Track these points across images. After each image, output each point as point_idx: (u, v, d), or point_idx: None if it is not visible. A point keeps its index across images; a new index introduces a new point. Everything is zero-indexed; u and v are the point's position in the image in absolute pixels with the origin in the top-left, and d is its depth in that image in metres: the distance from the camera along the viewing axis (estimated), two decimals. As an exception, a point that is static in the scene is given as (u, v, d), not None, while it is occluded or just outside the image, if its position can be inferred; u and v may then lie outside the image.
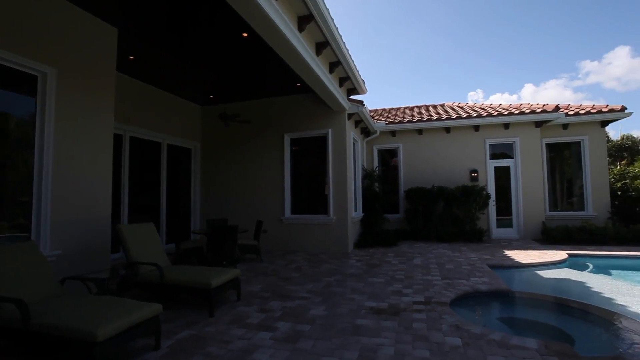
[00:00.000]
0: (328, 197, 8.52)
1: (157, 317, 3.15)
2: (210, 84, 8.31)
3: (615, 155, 26.07)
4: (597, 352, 3.23)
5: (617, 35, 59.95)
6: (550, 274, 6.53)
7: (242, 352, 3.09)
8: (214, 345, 3.25)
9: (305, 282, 5.59)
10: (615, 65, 64.43)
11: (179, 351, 3.13)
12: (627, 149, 28.64)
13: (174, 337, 3.41)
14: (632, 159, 24.71)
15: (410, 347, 3.15)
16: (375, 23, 78.49)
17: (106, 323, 2.62)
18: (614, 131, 32.91)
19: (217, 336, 3.46)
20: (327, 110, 8.57)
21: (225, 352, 3.11)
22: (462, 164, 10.79)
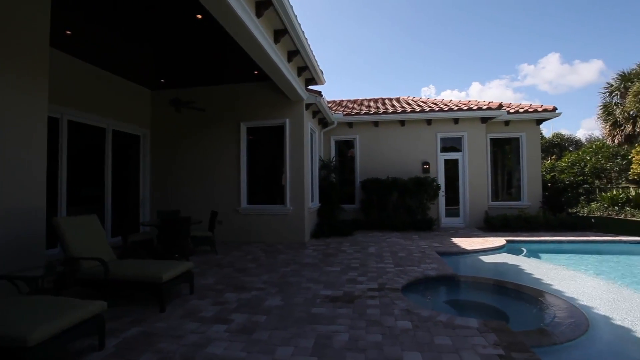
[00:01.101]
0: (285, 188, 8.48)
1: (100, 315, 2.96)
2: (161, 67, 7.83)
3: (547, 151, 28.75)
4: (527, 327, 3.58)
5: (549, 42, 65.64)
6: (490, 259, 7.09)
7: (196, 347, 3.01)
8: (165, 341, 3.13)
9: (261, 273, 5.55)
10: (548, 69, 70.78)
11: (126, 350, 2.97)
12: (556, 145, 31.72)
13: (121, 336, 3.23)
14: (561, 154, 27.45)
15: (364, 332, 3.26)
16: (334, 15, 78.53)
17: (38, 325, 2.39)
18: (546, 129, 36.21)
19: (169, 332, 3.33)
20: (285, 99, 8.47)
21: (177, 347, 3.01)
22: (415, 156, 11.26)
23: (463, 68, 78.21)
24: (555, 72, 70.46)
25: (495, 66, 74.63)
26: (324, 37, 79.24)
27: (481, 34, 69.12)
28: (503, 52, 71.72)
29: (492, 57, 73.08)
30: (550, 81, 70.60)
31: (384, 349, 2.94)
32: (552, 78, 70.47)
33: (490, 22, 65.33)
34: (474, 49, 73.29)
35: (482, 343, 2.99)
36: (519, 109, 11.32)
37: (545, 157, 25.73)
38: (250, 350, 2.93)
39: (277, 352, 2.90)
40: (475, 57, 74.78)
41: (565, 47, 64.50)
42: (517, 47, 69.34)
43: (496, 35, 68.42)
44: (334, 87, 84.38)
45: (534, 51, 70.05)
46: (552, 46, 66.62)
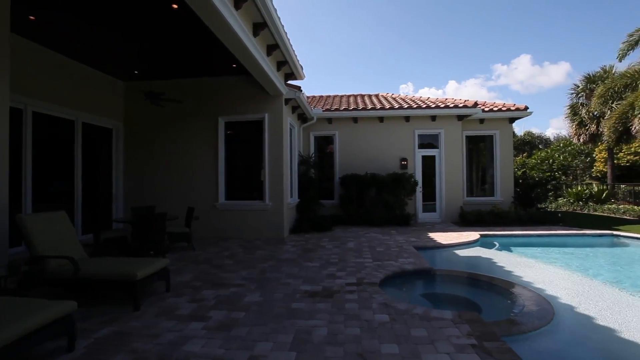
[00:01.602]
0: (264, 183, 8.41)
1: (70, 315, 2.84)
2: (135, 58, 7.54)
3: (519, 149, 29.87)
4: (498, 317, 3.73)
5: (521, 43, 68.02)
6: (465, 253, 7.32)
7: (172, 345, 2.95)
8: (140, 340, 3.05)
9: (239, 269, 5.50)
10: (520, 70, 73.46)
11: (98, 351, 2.87)
12: (527, 143, 33.03)
13: (93, 336, 3.12)
14: (531, 152, 28.61)
15: (342, 327, 3.30)
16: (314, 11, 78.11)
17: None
18: (518, 127, 37.61)
19: (144, 331, 3.25)
20: (264, 94, 8.37)
21: (152, 346, 2.94)
22: (393, 152, 11.42)
23: (440, 66, 79.89)
24: (526, 72, 73.24)
25: (471, 65, 76.69)
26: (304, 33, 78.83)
27: (458, 33, 70.73)
28: (478, 52, 73.73)
29: (468, 56, 75.03)
30: (521, 81, 73.33)
31: (362, 342, 2.98)
32: (524, 78, 73.25)
33: (467, 22, 66.88)
34: (451, 47, 74.95)
35: (456, 334, 3.08)
36: (493, 108, 11.67)
37: (517, 154, 26.71)
38: (228, 347, 2.90)
39: (256, 348, 2.89)
40: (452, 56, 76.51)
41: (536, 49, 67.09)
42: (492, 48, 71.47)
43: (472, 35, 70.19)
44: (313, 83, 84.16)
45: (507, 52, 72.47)
46: (524, 48, 69.15)
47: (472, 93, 74.52)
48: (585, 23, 60.24)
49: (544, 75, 70.81)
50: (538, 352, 3.19)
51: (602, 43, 60.90)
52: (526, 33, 65.79)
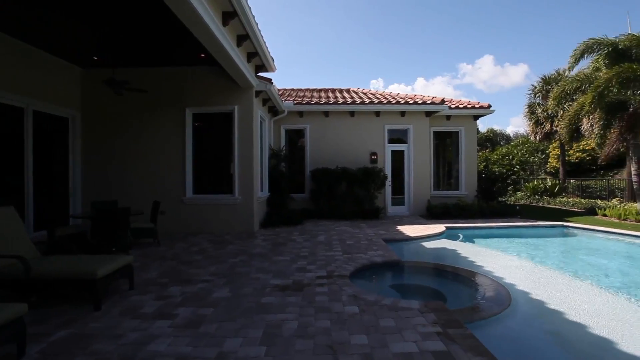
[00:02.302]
0: (233, 176, 8.25)
1: (20, 319, 2.64)
2: (94, 43, 7.07)
3: (482, 145, 31.26)
4: (461, 305, 3.90)
5: (485, 44, 70.86)
6: (431, 245, 7.58)
7: (137, 345, 2.84)
8: (101, 341, 2.91)
9: (208, 265, 5.38)
10: (484, 70, 76.60)
11: (53, 355, 2.71)
12: (489, 139, 34.65)
13: (47, 340, 2.94)
14: (493, 148, 30.06)
15: (313, 319, 3.32)
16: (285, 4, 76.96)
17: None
18: (481, 125, 39.33)
19: (106, 331, 3.10)
20: (234, 86, 8.17)
21: (115, 347, 2.81)
22: (363, 146, 11.56)
23: (410, 63, 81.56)
24: (489, 72, 76.46)
25: (438, 63, 78.86)
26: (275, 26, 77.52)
27: (427, 30, 72.42)
28: (446, 50, 75.94)
29: (436, 54, 77.09)
30: (485, 81, 76.51)
31: (332, 334, 3.01)
32: (487, 78, 76.44)
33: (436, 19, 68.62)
34: (420, 45, 76.64)
35: (422, 322, 3.19)
36: (459, 105, 12.09)
37: (480, 150, 27.91)
38: (196, 345, 2.84)
39: (225, 344, 2.85)
40: (421, 53, 78.29)
41: (498, 49, 70.12)
42: (458, 47, 73.90)
43: (440, 32, 72.12)
44: (285, 77, 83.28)
45: (472, 52, 75.19)
46: (488, 48, 72.07)
47: (439, 90, 76.82)
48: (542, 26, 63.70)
49: (505, 76, 74.35)
50: (496, 335, 3.38)
51: (558, 46, 64.78)
52: (489, 34, 68.64)
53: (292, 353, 2.70)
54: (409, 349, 2.74)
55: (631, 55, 10.40)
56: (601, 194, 17.15)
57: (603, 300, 4.52)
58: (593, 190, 17.97)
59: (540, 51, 65.10)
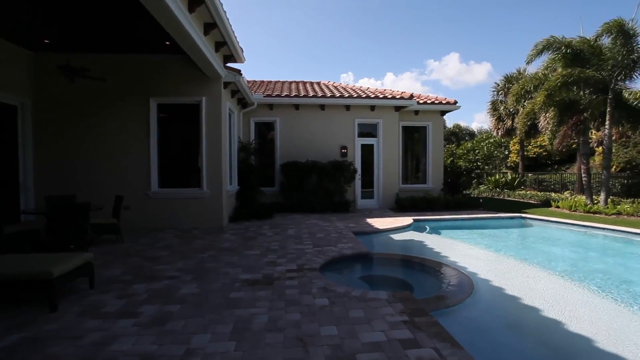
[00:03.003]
0: (201, 170, 8.02)
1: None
2: (45, 24, 6.54)
3: (448, 140, 32.38)
4: (427, 294, 4.05)
5: (451, 42, 73.09)
6: (400, 237, 7.79)
7: (98, 346, 2.71)
8: (58, 344, 2.75)
9: (175, 261, 5.22)
10: (450, 67, 78.96)
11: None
12: (455, 134, 35.95)
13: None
14: (459, 143, 31.23)
15: (283, 313, 3.32)
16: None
17: None
18: (447, 120, 40.68)
19: (63, 333, 2.94)
20: (202, 76, 7.90)
21: (74, 349, 2.67)
22: (334, 140, 11.61)
23: (379, 58, 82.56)
24: (455, 69, 78.93)
25: (407, 59, 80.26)
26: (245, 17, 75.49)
27: (396, 25, 73.45)
28: (414, 46, 77.44)
29: (405, 50, 78.40)
30: (451, 77, 78.94)
31: (302, 326, 3.03)
32: (453, 75, 78.90)
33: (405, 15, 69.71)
34: (390, 40, 77.69)
35: (390, 312, 3.28)
36: (427, 101, 12.42)
37: (446, 145, 28.87)
38: (162, 342, 2.75)
39: (193, 340, 2.78)
40: (390, 49, 79.44)
41: (463, 48, 72.54)
42: (426, 43, 75.58)
43: (409, 28, 73.39)
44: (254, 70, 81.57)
45: (439, 49, 77.18)
46: (454, 46, 74.32)
47: (407, 86, 78.54)
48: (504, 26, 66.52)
49: (470, 74, 77.12)
50: (460, 322, 3.55)
51: (519, 46, 68.00)
52: (455, 32, 70.80)
53: (262, 347, 2.69)
54: (378, 338, 2.81)
55: (584, 56, 11.12)
56: (555, 187, 18.35)
57: (555, 285, 4.86)
58: (548, 183, 19.18)
59: (503, 51, 68.00)
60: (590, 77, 10.70)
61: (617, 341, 3.23)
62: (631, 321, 3.73)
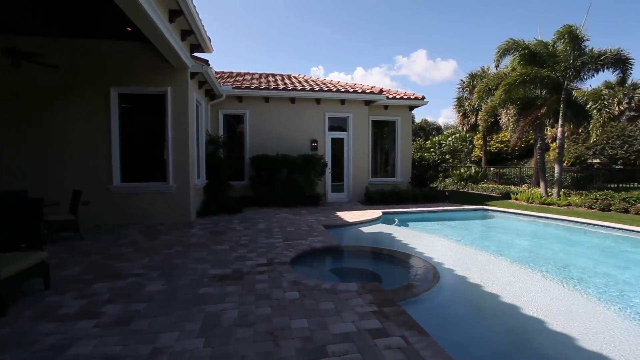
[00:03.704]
0: (167, 163, 7.73)
1: None
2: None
3: (416, 134, 33.25)
4: (396, 284, 4.18)
5: (419, 38, 74.82)
6: (369, 229, 7.94)
7: (55, 350, 2.57)
8: (10, 350, 2.58)
9: (140, 258, 5.02)
10: (418, 63, 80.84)
11: (-52, 367, 2.34)
12: (423, 129, 36.97)
13: (-61, 350, 2.52)
14: (427, 137, 32.19)
15: (253, 307, 3.30)
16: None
17: None
18: (416, 115, 41.71)
19: (15, 338, 2.75)
20: (167, 66, 7.57)
21: (28, 355, 2.51)
22: (304, 134, 11.58)
23: (350, 52, 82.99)
24: (423, 66, 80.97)
25: (377, 54, 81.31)
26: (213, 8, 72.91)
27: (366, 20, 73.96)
28: (384, 42, 78.47)
29: (375, 45, 79.32)
30: (419, 73, 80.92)
31: (272, 320, 3.03)
32: (421, 71, 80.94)
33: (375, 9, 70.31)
34: (360, 35, 78.21)
35: (360, 303, 3.35)
36: (396, 96, 12.65)
37: (414, 139, 29.61)
38: (127, 343, 2.65)
39: (160, 339, 2.71)
40: (360, 44, 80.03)
41: (430, 45, 74.47)
42: (395, 39, 76.81)
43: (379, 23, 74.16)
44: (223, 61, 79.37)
45: (408, 45, 78.76)
46: (421, 43, 76.05)
47: (377, 81, 79.67)
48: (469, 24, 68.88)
49: (437, 70, 79.43)
50: (426, 309, 3.68)
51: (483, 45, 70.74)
52: (423, 28, 72.48)
53: (232, 342, 2.66)
54: (347, 329, 2.86)
55: (540, 57, 11.77)
56: (514, 180, 19.42)
57: (512, 272, 5.17)
58: (508, 177, 20.26)
59: (468, 49, 70.58)
60: (545, 76, 11.37)
61: (565, 320, 3.50)
62: (576, 300, 4.05)
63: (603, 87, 18.68)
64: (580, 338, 3.17)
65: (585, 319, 3.64)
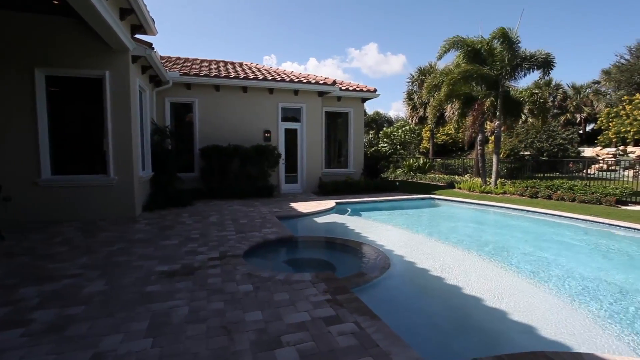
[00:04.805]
0: (107, 154, 7.13)
1: None
2: None
3: (368, 126, 34.11)
4: (349, 272, 4.28)
5: (370, 32, 76.43)
6: (323, 220, 8.03)
7: (-28, 363, 2.28)
8: None
9: (76, 257, 4.61)
10: (369, 56, 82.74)
11: None
12: (375, 121, 38.03)
13: None
14: (378, 129, 33.14)
15: (205, 302, 3.19)
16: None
17: None
18: (367, 107, 42.70)
19: None
20: (104, 46, 6.92)
21: (-63, 370, 2.20)
22: (257, 124, 11.33)
23: (303, 43, 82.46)
24: (374, 59, 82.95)
25: (330, 46, 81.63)
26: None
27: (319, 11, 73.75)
28: (337, 33, 78.90)
29: (328, 37, 79.52)
30: (370, 66, 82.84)
31: (226, 314, 2.96)
32: (372, 64, 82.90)
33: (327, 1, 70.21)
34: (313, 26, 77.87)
35: (314, 292, 3.39)
36: (349, 87, 12.82)
37: (367, 131, 30.31)
38: (62, 351, 2.43)
39: (102, 343, 2.52)
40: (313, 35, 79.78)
41: (381, 39, 76.46)
42: (347, 31, 77.61)
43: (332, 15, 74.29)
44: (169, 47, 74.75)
45: (360, 38, 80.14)
46: (372, 36, 77.81)
47: (330, 72, 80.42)
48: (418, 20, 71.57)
49: (387, 64, 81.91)
50: (378, 295, 3.83)
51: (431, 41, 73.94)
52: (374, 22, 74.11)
53: (183, 340, 2.56)
54: (302, 318, 2.88)
55: (482, 55, 12.57)
56: (458, 171, 20.77)
57: (457, 256, 5.54)
58: (453, 167, 21.63)
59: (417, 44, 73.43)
60: (485, 74, 12.20)
61: (502, 297, 3.84)
62: (508, 278, 4.46)
63: (533, 86, 20.59)
64: (510, 311, 3.50)
65: (514, 293, 4.03)
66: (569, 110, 30.86)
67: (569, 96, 31.27)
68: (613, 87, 29.40)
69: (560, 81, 31.18)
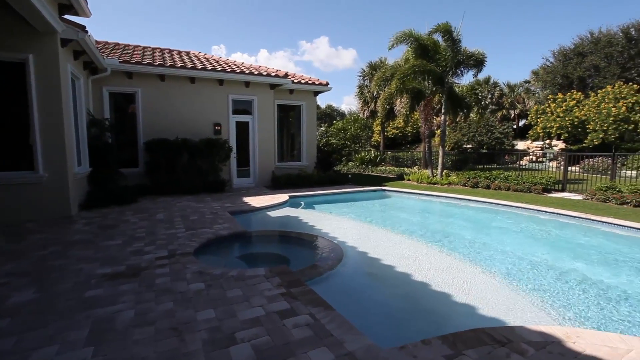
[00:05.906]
0: (35, 148, 6.43)
1: None
2: None
3: (321, 119, 34.37)
4: (303, 265, 4.31)
5: (322, 25, 76.72)
6: (276, 213, 7.98)
7: None
8: None
9: (0, 264, 4.13)
10: (321, 50, 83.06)
11: None
12: (328, 115, 38.40)
13: None
14: (331, 123, 33.50)
15: (153, 304, 3.04)
16: None
17: None
18: (320, 101, 43.04)
19: None
20: (27, 27, 6.17)
21: None
22: (206, 116, 10.90)
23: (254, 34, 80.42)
24: (325, 53, 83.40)
25: (281, 38, 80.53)
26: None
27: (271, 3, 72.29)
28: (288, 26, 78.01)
29: (280, 29, 78.34)
30: (321, 60, 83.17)
31: (176, 315, 2.85)
32: (323, 58, 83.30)
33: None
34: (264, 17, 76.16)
35: (268, 287, 3.37)
36: (301, 80, 12.77)
37: (320, 124, 30.51)
38: (-16, 367, 2.18)
39: (34, 357, 2.30)
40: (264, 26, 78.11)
41: (332, 33, 77.08)
42: (298, 24, 77.07)
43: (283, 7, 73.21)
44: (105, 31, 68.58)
45: (311, 31, 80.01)
46: (324, 30, 78.13)
47: (282, 64, 79.50)
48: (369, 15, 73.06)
49: (338, 58, 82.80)
50: (332, 286, 3.91)
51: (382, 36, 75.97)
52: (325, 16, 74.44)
53: (130, 345, 2.42)
54: (256, 313, 2.86)
55: (429, 52, 13.17)
56: (407, 163, 21.73)
57: (408, 246, 5.82)
58: (402, 160, 22.57)
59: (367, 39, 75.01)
60: (432, 70, 12.82)
61: (447, 280, 4.13)
62: (452, 262, 4.80)
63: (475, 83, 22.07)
64: (454, 293, 3.78)
65: (458, 276, 4.35)
66: (504, 106, 33.57)
67: (505, 94, 34.01)
68: (540, 86, 32.55)
69: (497, 79, 33.86)
